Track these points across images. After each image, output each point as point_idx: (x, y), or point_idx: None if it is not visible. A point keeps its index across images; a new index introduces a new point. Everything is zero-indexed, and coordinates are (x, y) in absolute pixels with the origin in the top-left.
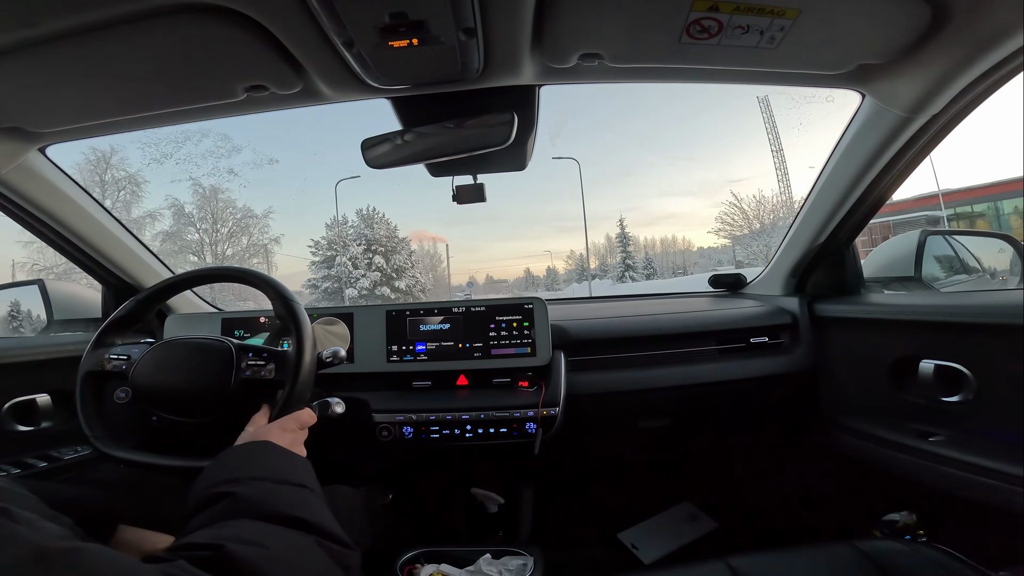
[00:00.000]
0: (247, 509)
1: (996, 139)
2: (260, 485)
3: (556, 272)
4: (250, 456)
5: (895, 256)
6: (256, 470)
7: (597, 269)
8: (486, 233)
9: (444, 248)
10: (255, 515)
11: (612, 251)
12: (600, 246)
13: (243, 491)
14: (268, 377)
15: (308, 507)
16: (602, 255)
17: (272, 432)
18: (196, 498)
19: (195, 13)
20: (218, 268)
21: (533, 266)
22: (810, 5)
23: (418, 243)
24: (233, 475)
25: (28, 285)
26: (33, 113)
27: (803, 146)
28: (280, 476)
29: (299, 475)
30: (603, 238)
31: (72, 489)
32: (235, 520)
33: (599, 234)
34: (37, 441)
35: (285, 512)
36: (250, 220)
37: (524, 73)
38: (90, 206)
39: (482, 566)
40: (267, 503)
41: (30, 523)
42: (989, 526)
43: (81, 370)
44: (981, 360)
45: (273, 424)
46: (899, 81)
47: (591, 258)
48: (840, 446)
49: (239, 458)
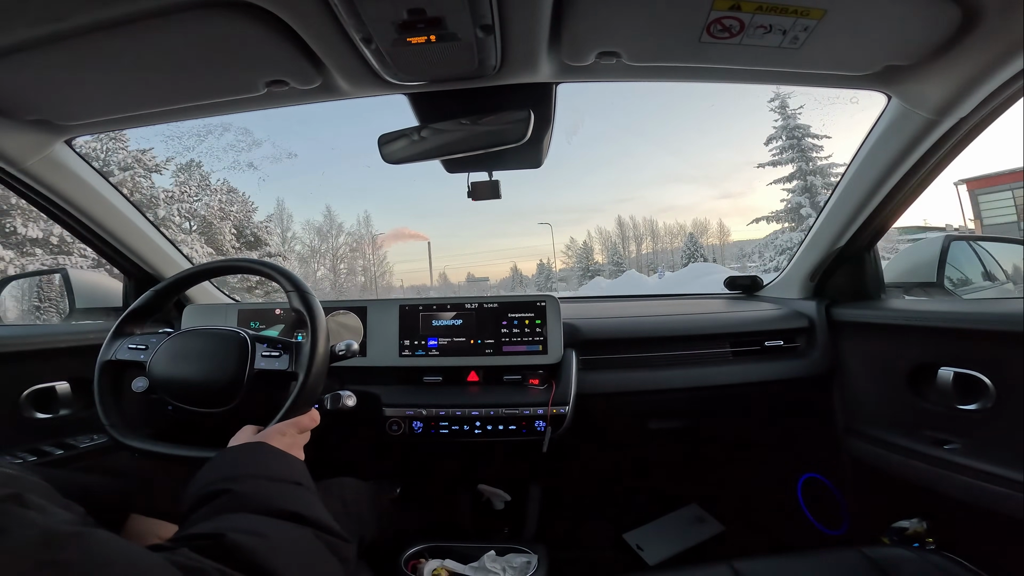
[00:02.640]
0: (245, 504)
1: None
2: (257, 483)
3: (551, 268)
4: (246, 456)
5: (918, 261)
6: (252, 469)
7: (608, 264)
8: (467, 229)
9: (425, 246)
10: (253, 510)
11: (628, 240)
12: (610, 234)
13: (241, 488)
14: (282, 368)
15: (304, 502)
16: (612, 244)
17: (270, 435)
18: (193, 496)
19: (218, 8)
20: (235, 260)
21: (520, 263)
22: (836, 5)
23: (398, 242)
24: (230, 474)
25: (52, 273)
26: (60, 106)
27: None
28: (276, 475)
29: (294, 474)
30: (613, 224)
31: (86, 478)
32: (234, 514)
33: (584, 230)
34: (54, 429)
35: (282, 507)
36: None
37: (541, 71)
38: (114, 197)
39: (486, 562)
40: (264, 499)
41: (42, 509)
42: (1003, 536)
43: (100, 359)
44: (1002, 369)
45: (271, 428)
46: (927, 83)
47: (596, 251)
48: (852, 451)
49: (235, 458)
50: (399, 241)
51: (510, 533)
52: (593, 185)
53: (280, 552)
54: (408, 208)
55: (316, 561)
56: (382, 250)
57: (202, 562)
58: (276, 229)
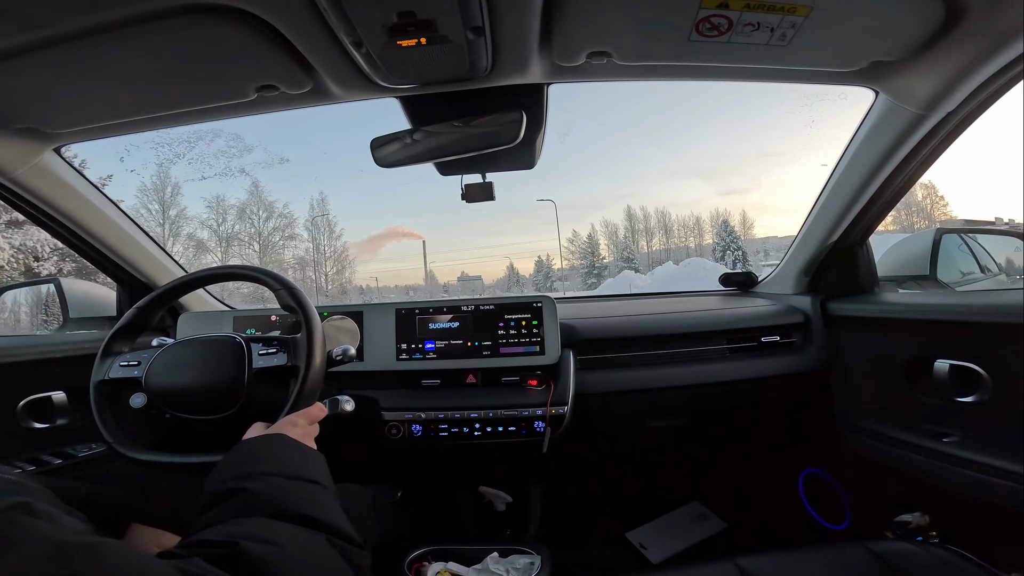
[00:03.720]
0: (260, 506)
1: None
2: (272, 481)
3: (549, 267)
4: (263, 450)
5: (910, 255)
6: (269, 465)
7: (618, 261)
8: (460, 226)
9: (421, 245)
10: (268, 512)
11: (639, 234)
12: (617, 227)
13: (256, 487)
14: (281, 363)
15: (320, 505)
16: (619, 240)
17: (283, 427)
18: (209, 494)
19: (206, 14)
20: (227, 267)
21: (516, 262)
22: (822, 2)
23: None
24: (245, 470)
25: (44, 283)
26: (48, 114)
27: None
28: (293, 471)
29: (312, 470)
30: (620, 216)
31: (88, 486)
32: (248, 518)
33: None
34: (53, 438)
35: (297, 511)
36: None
37: (532, 72)
38: (104, 205)
39: (489, 564)
40: (279, 500)
41: (51, 518)
42: (1003, 528)
43: (93, 380)
44: (997, 360)
45: (283, 420)
46: (913, 78)
47: (603, 246)
48: (852, 446)
49: (252, 452)
50: (393, 240)
51: (512, 534)
52: (593, 177)
53: (294, 563)
54: (404, 207)
55: (330, 570)
56: (351, 248)
57: (214, 572)
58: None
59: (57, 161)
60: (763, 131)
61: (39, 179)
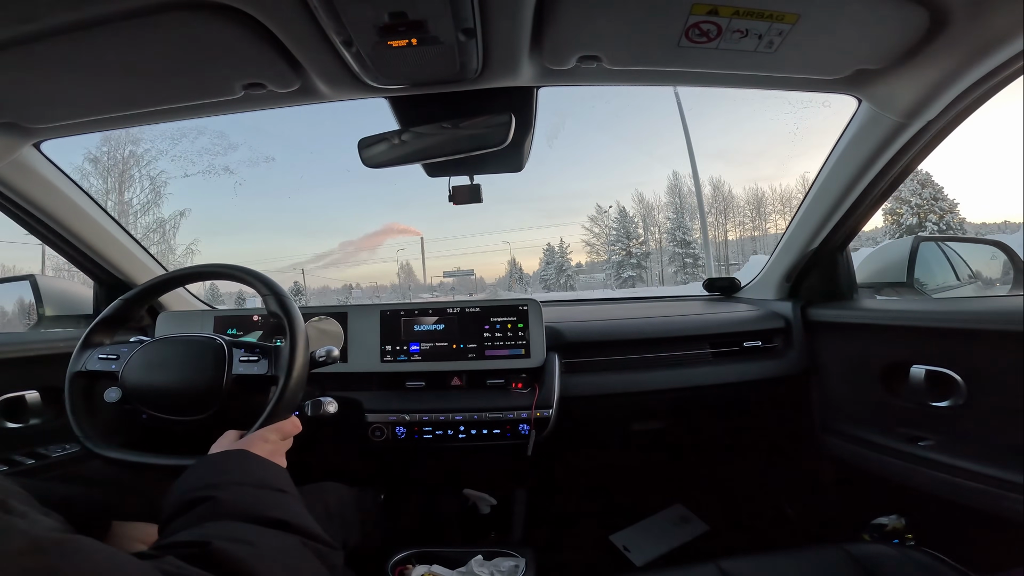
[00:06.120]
0: (229, 512)
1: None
2: (240, 490)
3: (567, 261)
4: (228, 463)
5: (888, 262)
6: (236, 476)
7: (671, 245)
8: (455, 221)
9: (418, 242)
10: (238, 517)
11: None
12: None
13: (224, 495)
14: (261, 373)
15: (290, 510)
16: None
17: (252, 442)
18: (175, 503)
19: (193, 10)
20: (210, 266)
21: (519, 258)
22: (809, 10)
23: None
24: (213, 480)
25: (19, 281)
26: (28, 108)
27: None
28: (260, 482)
29: (278, 481)
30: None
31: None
32: (218, 522)
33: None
34: (26, 438)
35: (268, 514)
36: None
37: (523, 74)
38: (84, 202)
39: (474, 567)
40: (249, 506)
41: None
42: (978, 530)
43: (69, 371)
44: (972, 366)
45: (254, 435)
46: (896, 86)
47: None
48: (831, 450)
49: (217, 465)
50: (390, 236)
51: (497, 537)
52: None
53: (267, 560)
54: (400, 203)
55: (304, 568)
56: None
57: (189, 570)
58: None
59: (36, 157)
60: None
61: (17, 175)
